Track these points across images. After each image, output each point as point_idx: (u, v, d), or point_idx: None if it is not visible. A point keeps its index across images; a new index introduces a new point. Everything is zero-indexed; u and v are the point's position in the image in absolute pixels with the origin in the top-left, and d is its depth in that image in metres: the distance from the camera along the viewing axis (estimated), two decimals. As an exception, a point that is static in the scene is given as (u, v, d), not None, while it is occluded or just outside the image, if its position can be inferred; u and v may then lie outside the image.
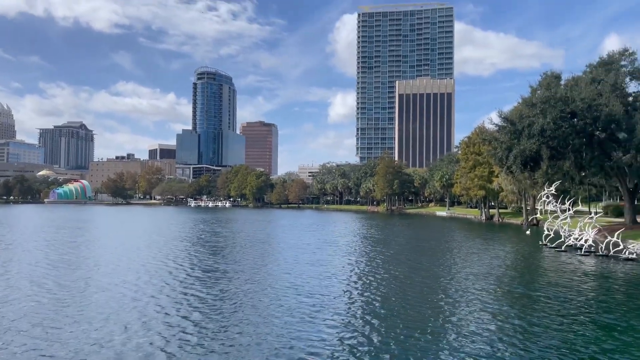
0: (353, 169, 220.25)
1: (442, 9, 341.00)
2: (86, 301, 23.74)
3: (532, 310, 22.43)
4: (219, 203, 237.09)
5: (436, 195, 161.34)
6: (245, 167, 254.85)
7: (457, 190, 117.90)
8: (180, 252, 44.07)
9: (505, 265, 38.38)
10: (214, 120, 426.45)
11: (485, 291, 26.84)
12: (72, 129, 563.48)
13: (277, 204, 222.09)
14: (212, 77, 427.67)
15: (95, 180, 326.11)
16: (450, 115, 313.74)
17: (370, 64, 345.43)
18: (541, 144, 53.99)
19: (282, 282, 28.94)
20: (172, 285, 28.12)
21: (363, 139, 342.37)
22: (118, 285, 27.80)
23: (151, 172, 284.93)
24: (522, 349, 16.89)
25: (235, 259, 40.36)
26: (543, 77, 62.40)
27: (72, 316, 20.85)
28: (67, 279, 29.80)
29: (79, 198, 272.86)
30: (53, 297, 24.49)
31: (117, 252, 43.79)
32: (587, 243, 44.10)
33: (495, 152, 63.72)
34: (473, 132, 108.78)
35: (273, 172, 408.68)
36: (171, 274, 32.03)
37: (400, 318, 21.02)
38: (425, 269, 35.56)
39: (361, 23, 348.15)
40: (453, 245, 53.40)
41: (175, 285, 27.93)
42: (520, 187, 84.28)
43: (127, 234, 66.78)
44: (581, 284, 29.59)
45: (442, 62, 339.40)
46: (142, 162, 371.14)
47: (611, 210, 76.64)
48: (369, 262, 39.88)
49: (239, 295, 25.41)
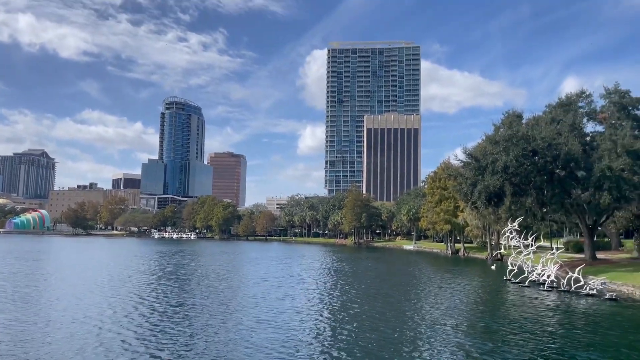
0: (321, 201, 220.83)
1: (409, 47, 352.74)
2: (47, 339, 22.69)
3: (496, 345, 22.70)
4: (183, 234, 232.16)
5: (403, 228, 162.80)
6: (212, 198, 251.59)
7: (423, 224, 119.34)
8: (144, 286, 42.77)
9: (471, 300, 38.83)
10: (182, 150, 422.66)
11: (450, 325, 27.05)
12: (32, 156, 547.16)
13: (244, 236, 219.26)
14: (180, 107, 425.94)
15: (55, 210, 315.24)
16: (416, 150, 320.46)
17: (340, 98, 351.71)
18: (504, 181, 55.60)
19: (251, 317, 28.42)
20: (138, 321, 27.20)
21: (332, 171, 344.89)
22: (80, 321, 26.71)
23: (114, 202, 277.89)
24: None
25: (203, 293, 39.44)
26: (505, 115, 64.76)
27: (32, 355, 19.86)
28: (25, 314, 28.46)
29: (36, 228, 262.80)
30: (9, 335, 23.30)
31: (77, 286, 42.16)
32: (550, 279, 45.13)
33: (460, 187, 65.14)
34: (439, 167, 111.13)
35: (241, 204, 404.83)
36: (137, 309, 31.01)
37: (370, 353, 20.90)
38: (393, 303, 35.62)
39: (331, 59, 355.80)
40: (420, 280, 53.76)
41: (141, 322, 27.03)
42: (484, 222, 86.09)
43: (87, 267, 64.40)
44: (544, 319, 30.19)
45: (409, 99, 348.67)
46: (105, 192, 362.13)
47: (572, 246, 78.85)
48: (338, 296, 39.65)
49: (207, 331, 24.80)
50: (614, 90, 57.76)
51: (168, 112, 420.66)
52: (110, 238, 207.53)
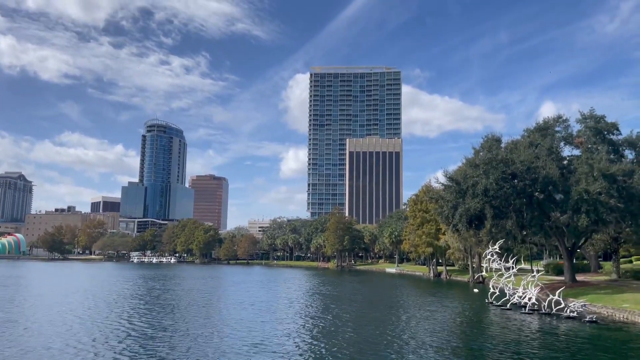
0: (304, 224, 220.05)
1: (390, 72, 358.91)
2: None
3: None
4: (163, 259, 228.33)
5: (386, 251, 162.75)
6: (193, 222, 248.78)
7: (405, 246, 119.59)
8: (131, 311, 41.80)
9: (454, 323, 38.79)
10: (162, 173, 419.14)
11: (434, 349, 26.98)
12: (9, 179, 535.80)
13: (226, 259, 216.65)
14: (162, 130, 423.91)
15: (31, 234, 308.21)
16: (398, 173, 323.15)
17: (322, 121, 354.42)
18: (485, 203, 56.19)
19: (242, 342, 27.93)
20: (130, 347, 26.47)
21: (314, 194, 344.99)
22: (60, 348, 25.90)
23: (92, 226, 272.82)
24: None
25: (191, 318, 38.61)
26: (485, 139, 65.82)
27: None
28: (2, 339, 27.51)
29: (12, 253, 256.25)
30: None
31: (63, 312, 41.00)
32: (531, 301, 45.39)
33: (441, 210, 65.59)
34: (420, 190, 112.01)
35: (222, 227, 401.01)
36: (128, 334, 30.22)
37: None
38: (378, 326, 35.36)
39: (313, 83, 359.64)
40: (404, 303, 53.62)
41: (132, 348, 26.30)
42: (466, 245, 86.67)
43: (69, 292, 62.66)
44: (526, 341, 30.26)
45: (390, 122, 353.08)
46: (84, 215, 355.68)
47: (552, 268, 79.68)
48: (326, 320, 39.25)
49: (200, 356, 24.23)
50: (589, 116, 59.36)
51: (149, 135, 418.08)
52: (87, 262, 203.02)
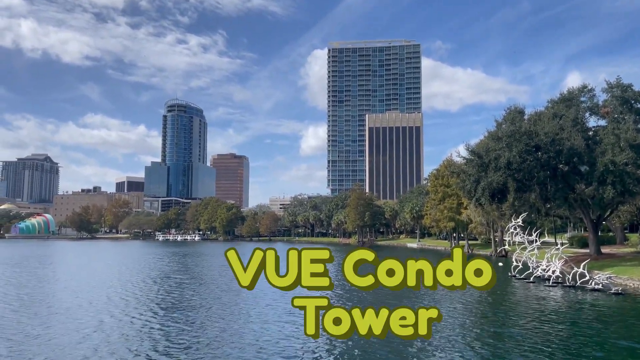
0: (325, 200, 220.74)
1: (409, 45, 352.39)
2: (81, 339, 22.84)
3: (504, 341, 22.64)
4: (187, 236, 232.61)
5: (407, 226, 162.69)
6: (215, 200, 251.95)
7: (427, 221, 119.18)
8: (157, 289, 42.92)
9: (477, 296, 38.74)
10: (184, 152, 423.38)
11: (457, 322, 27.04)
12: (36, 161, 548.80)
13: (248, 236, 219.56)
14: (182, 110, 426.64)
15: (60, 214, 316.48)
16: (419, 148, 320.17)
17: (341, 97, 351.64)
18: (507, 177, 55.44)
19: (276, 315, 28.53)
20: (167, 323, 27.31)
21: (334, 171, 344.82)
22: (96, 328, 26.85)
23: (118, 205, 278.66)
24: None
25: (231, 294, 39.48)
26: (507, 111, 64.56)
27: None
28: (54, 320, 28.61)
29: (41, 233, 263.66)
30: (18, 342, 23.44)
31: (108, 289, 42.37)
32: (555, 274, 45.01)
33: (463, 184, 65.00)
34: (441, 164, 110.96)
35: (244, 205, 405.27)
36: (153, 312, 31.11)
37: (377, 352, 20.91)
38: (397, 299, 35.55)
39: (331, 58, 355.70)
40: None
41: (165, 324, 27.13)
42: (488, 219, 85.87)
43: (106, 270, 64.18)
44: (551, 314, 30.10)
45: (410, 97, 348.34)
46: (109, 195, 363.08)
47: (576, 241, 78.62)
48: (341, 298, 39.65)
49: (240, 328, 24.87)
50: (615, 84, 57.49)
51: (170, 115, 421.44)
52: (115, 241, 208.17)
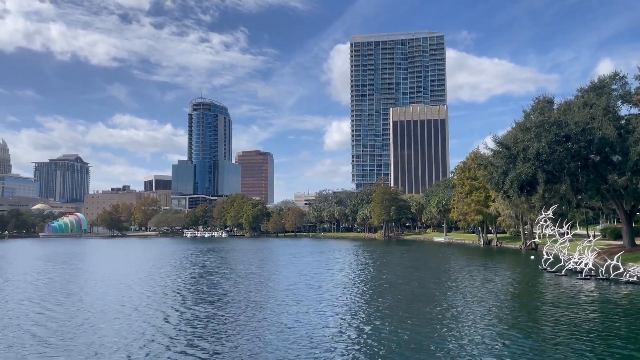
0: (349, 196, 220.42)
1: (433, 37, 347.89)
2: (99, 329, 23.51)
3: (537, 335, 22.29)
4: (215, 233, 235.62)
5: (433, 220, 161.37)
6: (241, 197, 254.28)
7: (454, 215, 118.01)
8: (188, 284, 43.71)
9: (508, 290, 38.21)
10: (210, 150, 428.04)
11: (489, 317, 26.76)
12: (67, 162, 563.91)
13: (274, 232, 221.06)
14: (207, 108, 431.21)
15: (91, 213, 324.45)
16: (444, 140, 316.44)
17: (364, 91, 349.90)
18: (537, 168, 54.45)
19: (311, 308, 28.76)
20: (200, 316, 27.86)
21: (358, 166, 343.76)
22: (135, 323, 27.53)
23: (147, 204, 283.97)
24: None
25: (263, 288, 39.98)
26: (536, 101, 63.26)
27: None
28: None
29: (74, 231, 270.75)
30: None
31: (128, 287, 43.44)
32: (587, 267, 44.04)
33: (491, 176, 64.14)
34: (468, 157, 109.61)
35: (269, 201, 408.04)
36: (187, 306, 31.74)
37: (409, 345, 20.85)
38: (429, 296, 35.35)
39: (354, 52, 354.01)
40: (454, 272, 53.17)
41: (199, 316, 27.67)
42: (517, 212, 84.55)
43: (132, 268, 65.52)
44: (584, 308, 29.47)
45: (434, 89, 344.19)
46: (138, 194, 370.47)
47: (609, 233, 76.76)
48: (377, 291, 39.60)
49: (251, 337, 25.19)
50: (649, 71, 55.66)
51: (195, 113, 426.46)
52: (145, 239, 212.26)
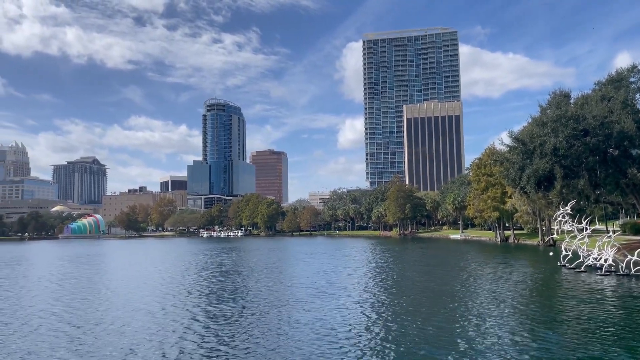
0: (364, 194, 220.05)
1: (446, 33, 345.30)
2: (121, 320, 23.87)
3: (558, 331, 22.06)
4: (230, 233, 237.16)
5: (449, 218, 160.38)
6: (256, 196, 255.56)
7: (470, 212, 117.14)
8: (211, 283, 44.14)
9: (528, 287, 37.85)
10: (224, 150, 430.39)
11: (508, 312, 26.53)
12: (85, 164, 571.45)
13: (289, 231, 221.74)
14: (221, 108, 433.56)
15: (109, 214, 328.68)
16: (459, 137, 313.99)
17: (377, 89, 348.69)
18: (554, 163, 53.79)
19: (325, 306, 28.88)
20: (218, 313, 28.15)
21: (373, 164, 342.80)
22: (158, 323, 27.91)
23: (163, 204, 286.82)
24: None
25: (279, 286, 40.22)
26: (552, 96, 62.45)
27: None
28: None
29: (92, 232, 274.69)
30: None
31: (152, 286, 44.04)
32: (607, 262, 43.41)
33: (507, 172, 63.54)
34: (483, 153, 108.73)
35: (284, 200, 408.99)
36: (224, 300, 32.07)
37: (429, 341, 20.80)
38: (449, 293, 35.18)
39: (367, 50, 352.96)
40: (474, 269, 52.79)
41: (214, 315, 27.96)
42: (535, 208, 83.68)
43: (155, 268, 65.48)
44: (604, 304, 29.08)
45: (448, 85, 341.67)
46: (154, 195, 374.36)
47: (629, 228, 75.48)
48: (399, 288, 39.52)
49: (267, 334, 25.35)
50: (668, 63, 54.58)
51: (209, 114, 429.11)
52: (162, 239, 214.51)
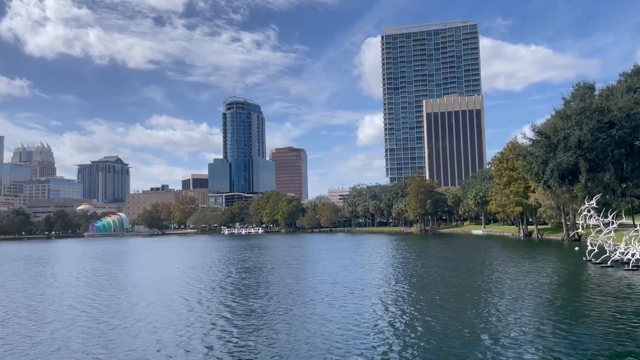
0: (384, 190, 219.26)
1: (466, 26, 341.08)
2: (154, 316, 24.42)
3: (587, 327, 21.78)
4: (251, 230, 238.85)
5: (470, 213, 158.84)
6: (276, 193, 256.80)
7: (492, 207, 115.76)
8: (239, 279, 44.73)
9: (552, 282, 37.36)
10: (244, 148, 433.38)
11: (534, 307, 26.28)
12: (108, 163, 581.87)
13: (309, 228, 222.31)
14: (241, 107, 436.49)
15: (132, 212, 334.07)
16: (480, 131, 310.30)
17: (397, 84, 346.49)
18: (578, 157, 53.00)
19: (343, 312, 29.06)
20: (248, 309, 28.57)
21: (392, 159, 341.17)
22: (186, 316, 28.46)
23: (185, 202, 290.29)
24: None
25: (304, 282, 40.57)
26: (576, 88, 61.49)
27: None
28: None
29: (116, 230, 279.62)
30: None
31: (184, 282, 44.86)
32: (635, 257, 42.55)
33: (530, 166, 62.83)
34: (505, 147, 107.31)
35: (304, 197, 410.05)
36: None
37: (455, 345, 20.76)
38: (474, 288, 34.92)
39: (385, 45, 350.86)
40: (499, 264, 52.26)
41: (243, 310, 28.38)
42: (559, 202, 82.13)
43: (182, 264, 65.70)
44: (634, 299, 28.54)
45: (469, 79, 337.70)
46: (176, 193, 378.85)
47: (657, 222, 73.66)
48: (425, 284, 39.46)
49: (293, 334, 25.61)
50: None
51: (229, 112, 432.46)
52: (185, 236, 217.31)
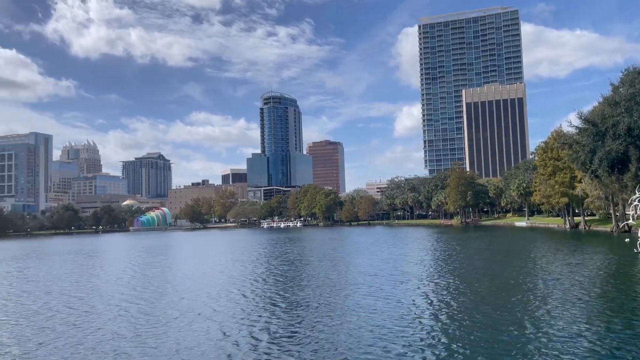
0: (422, 182, 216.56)
1: (506, 12, 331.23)
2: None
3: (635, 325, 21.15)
4: (290, 223, 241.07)
5: (513, 204, 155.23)
6: (313, 187, 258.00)
7: (536, 198, 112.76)
8: (283, 271, 45.62)
9: (602, 275, 36.27)
10: (281, 142, 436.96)
11: (583, 301, 25.68)
12: (151, 159, 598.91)
13: (347, 221, 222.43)
14: (277, 101, 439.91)
15: (174, 207, 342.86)
16: (522, 120, 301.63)
17: (435, 74, 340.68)
18: (628, 145, 51.00)
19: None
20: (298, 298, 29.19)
21: (431, 151, 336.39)
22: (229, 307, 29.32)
23: (225, 197, 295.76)
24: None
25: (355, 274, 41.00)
26: (625, 73, 58.99)
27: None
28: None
29: (160, 225, 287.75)
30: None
31: (229, 276, 46.11)
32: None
33: (577, 156, 60.90)
34: (550, 136, 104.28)
35: (341, 190, 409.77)
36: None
37: (503, 341, 20.57)
38: (520, 282, 34.30)
39: (422, 35, 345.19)
40: (543, 257, 50.96)
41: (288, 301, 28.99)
42: (607, 192, 79.19)
43: (226, 257, 67.05)
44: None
45: (510, 67, 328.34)
46: (216, 187, 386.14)
47: None
48: (471, 278, 39.13)
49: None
50: None
51: (266, 107, 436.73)
52: (226, 230, 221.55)
